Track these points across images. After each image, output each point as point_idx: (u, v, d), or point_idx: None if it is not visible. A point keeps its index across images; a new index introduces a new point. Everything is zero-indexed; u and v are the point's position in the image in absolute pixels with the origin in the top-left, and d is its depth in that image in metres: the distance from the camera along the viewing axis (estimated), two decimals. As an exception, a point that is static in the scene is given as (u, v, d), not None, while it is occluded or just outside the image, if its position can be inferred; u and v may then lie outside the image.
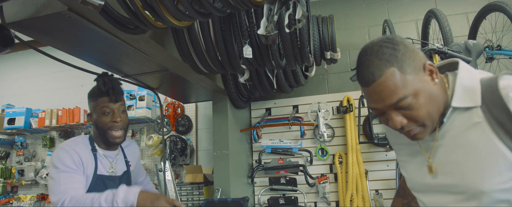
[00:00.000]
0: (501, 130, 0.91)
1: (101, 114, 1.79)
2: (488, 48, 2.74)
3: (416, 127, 0.98)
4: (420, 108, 0.95)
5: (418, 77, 0.96)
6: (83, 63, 2.29)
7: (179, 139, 4.00)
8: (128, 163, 1.96)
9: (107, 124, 1.77)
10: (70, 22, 1.69)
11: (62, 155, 1.68)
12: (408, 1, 3.77)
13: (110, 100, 1.80)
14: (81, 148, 1.75)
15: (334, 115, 3.67)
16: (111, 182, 1.79)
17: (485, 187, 0.92)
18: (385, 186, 3.41)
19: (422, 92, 0.95)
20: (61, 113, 4.28)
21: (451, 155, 1.00)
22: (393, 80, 0.93)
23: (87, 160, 1.74)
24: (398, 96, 0.94)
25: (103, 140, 1.84)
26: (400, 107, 0.95)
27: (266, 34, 1.79)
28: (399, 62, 0.94)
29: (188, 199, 3.72)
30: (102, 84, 1.79)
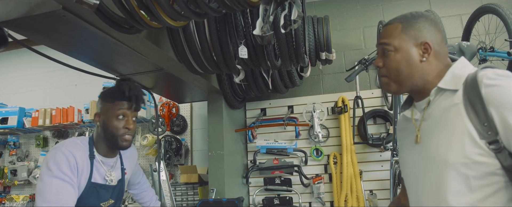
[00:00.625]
0: (472, 111, 1.03)
1: (114, 117, 1.72)
2: (481, 49, 2.76)
3: (385, 77, 1.22)
4: (393, 60, 1.19)
5: (410, 44, 1.18)
6: (77, 62, 2.27)
7: (174, 139, 3.99)
8: (124, 170, 1.90)
9: (120, 130, 1.72)
10: (65, 21, 1.68)
11: (59, 157, 1.58)
12: (402, 3, 3.79)
13: (129, 107, 1.75)
14: (80, 152, 1.67)
15: (329, 115, 3.68)
16: (104, 191, 1.74)
17: (450, 159, 1.04)
18: (379, 186, 3.43)
19: (402, 52, 1.18)
20: (55, 113, 4.25)
21: (432, 129, 1.15)
22: (392, 30, 1.21)
23: (83, 166, 1.65)
24: (385, 40, 1.21)
25: (109, 143, 1.76)
26: (381, 49, 1.22)
27: (262, 34, 1.79)
28: (406, 23, 1.20)
29: (182, 199, 3.71)
30: (127, 89, 1.74)
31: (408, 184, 1.26)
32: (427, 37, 1.17)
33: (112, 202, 1.81)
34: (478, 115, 1.01)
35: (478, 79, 1.03)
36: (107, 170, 1.78)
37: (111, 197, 1.80)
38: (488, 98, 1.00)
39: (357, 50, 3.77)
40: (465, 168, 1.01)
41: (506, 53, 2.25)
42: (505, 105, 0.97)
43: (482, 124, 1.00)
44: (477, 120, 1.01)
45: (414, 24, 1.18)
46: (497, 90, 0.99)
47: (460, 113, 1.05)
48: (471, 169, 1.01)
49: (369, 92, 3.64)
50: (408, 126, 1.27)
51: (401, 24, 1.19)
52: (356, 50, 3.78)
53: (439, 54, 1.18)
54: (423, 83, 1.18)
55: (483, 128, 1.00)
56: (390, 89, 1.22)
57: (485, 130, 1.00)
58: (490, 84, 1.00)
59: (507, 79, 1.00)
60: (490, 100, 1.00)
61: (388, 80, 1.21)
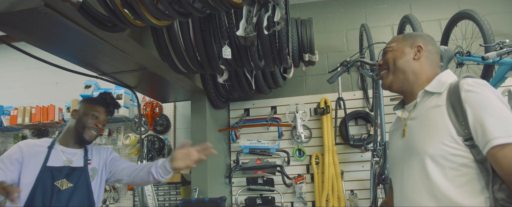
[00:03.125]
0: (453, 112, 1.19)
1: (90, 115, 2.09)
2: (458, 54, 2.85)
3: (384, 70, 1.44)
4: (390, 54, 1.44)
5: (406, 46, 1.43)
6: (59, 60, 2.25)
7: (157, 139, 3.97)
8: (87, 160, 2.10)
9: (89, 123, 2.08)
10: (46, 18, 1.66)
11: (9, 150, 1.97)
12: (384, 7, 3.87)
13: (105, 111, 2.16)
14: (34, 144, 2.01)
15: (311, 116, 3.73)
16: (58, 172, 1.96)
17: (429, 149, 1.19)
18: (360, 186, 3.49)
19: (399, 50, 1.43)
20: (35, 111, 4.17)
21: (417, 126, 1.31)
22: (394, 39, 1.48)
23: (31, 156, 1.95)
24: (389, 45, 1.47)
25: (76, 134, 2.08)
26: (384, 51, 1.48)
27: (245, 35, 1.81)
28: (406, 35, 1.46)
29: (165, 199, 3.70)
30: (109, 99, 2.20)
31: (394, 173, 1.41)
32: (420, 43, 1.41)
33: (70, 185, 1.96)
34: (457, 115, 1.17)
35: (459, 85, 1.20)
36: (66, 156, 2.04)
37: (68, 179, 1.96)
38: (466, 100, 1.16)
39: (340, 52, 3.83)
40: (443, 159, 1.16)
41: (480, 58, 2.33)
42: (479, 104, 1.14)
43: (460, 123, 1.16)
44: (456, 120, 1.17)
45: (412, 35, 1.45)
46: (474, 95, 1.16)
47: (442, 113, 1.21)
48: (447, 161, 1.15)
49: (351, 94, 3.70)
50: (398, 125, 1.45)
51: (402, 36, 1.45)
52: (338, 52, 3.84)
53: (431, 61, 1.40)
54: (413, 80, 1.38)
55: (460, 127, 1.15)
56: (387, 81, 1.42)
57: (462, 128, 1.15)
58: (469, 89, 1.17)
59: (484, 87, 1.17)
60: (467, 101, 1.16)
61: (387, 73, 1.42)
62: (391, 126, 1.58)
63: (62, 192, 1.92)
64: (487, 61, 2.29)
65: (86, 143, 2.11)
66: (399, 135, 1.40)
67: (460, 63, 2.81)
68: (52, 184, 1.91)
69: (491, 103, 1.13)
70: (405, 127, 1.36)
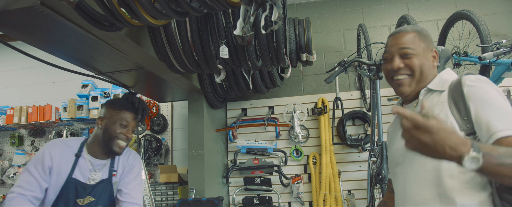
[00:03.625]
0: (455, 108, 1.21)
1: (118, 123, 1.87)
2: (455, 54, 2.86)
3: (406, 76, 1.34)
4: (416, 60, 1.32)
5: (426, 51, 1.35)
6: (55, 59, 2.24)
7: (154, 138, 3.96)
8: (112, 171, 1.94)
9: (119, 134, 1.86)
10: (43, 17, 1.65)
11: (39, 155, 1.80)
12: (382, 7, 3.88)
13: (134, 118, 1.92)
14: (62, 151, 1.83)
15: (309, 116, 3.73)
16: (82, 189, 1.83)
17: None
18: (357, 186, 3.50)
19: (422, 56, 1.34)
20: (31, 110, 4.15)
21: None
22: (411, 37, 1.35)
23: (61, 165, 1.80)
24: (407, 45, 1.33)
25: (104, 145, 1.88)
26: (403, 54, 1.33)
27: (242, 34, 1.81)
28: (421, 35, 1.35)
29: (162, 199, 3.68)
30: (136, 102, 1.92)
31: (396, 174, 1.38)
32: (433, 46, 1.38)
33: (92, 200, 1.86)
34: (460, 111, 1.19)
35: (462, 82, 1.22)
36: (92, 169, 1.87)
37: (91, 194, 1.85)
38: (468, 95, 1.18)
39: (337, 52, 3.83)
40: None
41: (477, 58, 2.33)
42: (481, 99, 1.16)
43: (462, 118, 1.18)
44: (458, 115, 1.19)
45: (426, 36, 1.36)
46: (476, 89, 1.18)
47: (445, 109, 1.22)
48: None
49: (349, 94, 3.71)
50: (398, 126, 1.42)
51: (417, 34, 1.34)
52: (336, 52, 3.84)
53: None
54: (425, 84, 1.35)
55: (463, 121, 1.18)
56: (408, 89, 1.35)
57: (464, 123, 1.17)
58: (471, 85, 1.19)
59: (485, 83, 1.20)
60: (470, 96, 1.18)
61: (411, 80, 1.34)
62: (390, 127, 1.56)
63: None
64: (484, 61, 2.30)
65: (117, 154, 1.92)
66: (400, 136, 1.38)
67: (457, 64, 2.82)
68: (75, 200, 1.81)
69: (493, 98, 1.15)
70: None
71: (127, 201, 1.93)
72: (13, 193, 1.73)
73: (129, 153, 2.06)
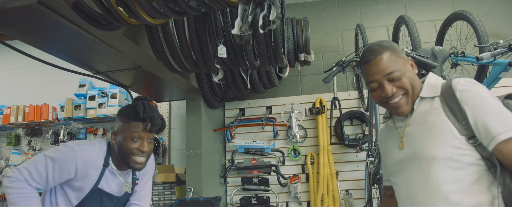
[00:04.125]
0: (451, 113, 1.21)
1: (129, 138, 1.69)
2: (453, 54, 2.86)
3: (401, 97, 1.30)
4: (406, 79, 1.30)
5: (405, 63, 1.34)
6: (53, 58, 2.23)
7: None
8: (135, 180, 1.87)
9: (133, 151, 1.70)
10: (40, 16, 1.65)
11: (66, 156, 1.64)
12: (380, 7, 3.88)
13: (144, 128, 1.71)
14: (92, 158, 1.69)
15: (306, 116, 3.73)
16: (107, 199, 1.75)
17: (435, 153, 1.19)
18: (355, 186, 3.50)
19: (407, 71, 1.32)
20: (28, 110, 4.13)
21: (415, 133, 1.30)
22: (389, 58, 1.31)
23: (88, 171, 1.67)
24: (392, 69, 1.29)
25: (121, 162, 1.75)
26: (391, 78, 1.29)
27: (240, 34, 1.81)
28: (393, 50, 1.33)
29: (159, 199, 3.68)
30: (142, 110, 1.70)
31: (398, 187, 1.36)
32: (406, 57, 1.36)
33: None
34: (456, 115, 1.19)
35: (453, 86, 1.22)
36: (119, 180, 1.79)
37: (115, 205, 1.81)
38: (462, 100, 1.18)
39: (335, 52, 3.84)
40: (450, 161, 1.16)
41: (475, 58, 2.34)
42: (476, 104, 1.17)
43: (461, 123, 1.18)
44: (455, 120, 1.19)
45: (397, 48, 1.34)
46: (468, 94, 1.19)
47: (441, 115, 1.22)
48: (455, 161, 1.16)
49: (346, 94, 3.71)
50: (391, 135, 1.42)
51: (391, 51, 1.31)
52: (334, 52, 3.85)
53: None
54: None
55: (461, 126, 1.17)
56: (407, 108, 1.32)
57: (463, 128, 1.17)
58: (463, 89, 1.19)
59: (475, 86, 1.21)
60: (464, 101, 1.18)
61: (406, 99, 1.31)
62: (381, 135, 1.55)
63: None
64: (481, 61, 2.30)
65: (137, 170, 1.79)
66: (396, 147, 1.37)
67: (454, 64, 2.83)
68: None
69: (486, 101, 1.17)
70: (403, 138, 1.34)
71: (136, 203, 1.91)
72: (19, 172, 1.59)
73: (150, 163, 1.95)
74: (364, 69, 1.35)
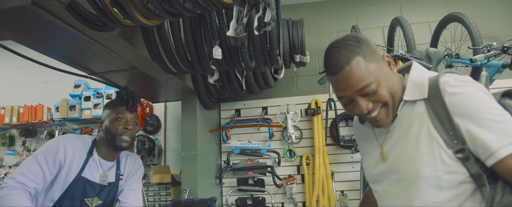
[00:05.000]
0: (437, 120, 1.02)
1: (115, 120, 1.87)
2: (447, 56, 2.89)
3: (380, 110, 1.08)
4: (383, 90, 1.05)
5: (380, 66, 1.07)
6: (47, 59, 2.22)
7: (147, 139, 3.95)
8: (119, 175, 1.96)
9: (119, 130, 1.86)
10: (34, 16, 1.64)
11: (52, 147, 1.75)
12: (375, 9, 3.90)
13: (127, 110, 1.91)
14: (76, 146, 1.81)
15: (302, 117, 3.74)
16: (91, 188, 1.82)
17: (421, 172, 1.02)
18: (350, 187, 3.51)
19: (383, 79, 1.06)
20: (23, 110, 4.11)
21: (398, 144, 1.10)
22: (359, 68, 1.03)
23: (73, 159, 1.78)
24: (364, 83, 1.03)
25: (109, 143, 1.88)
26: (365, 93, 1.05)
27: (236, 36, 1.81)
28: (363, 53, 1.05)
29: (155, 200, 3.67)
30: (125, 94, 1.92)
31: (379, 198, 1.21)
32: (379, 51, 1.10)
33: (100, 202, 1.86)
34: (444, 124, 1.00)
35: (440, 88, 1.02)
36: (102, 170, 1.89)
37: (99, 196, 1.86)
38: (453, 108, 0.99)
39: (331, 54, 3.84)
40: (438, 180, 1.00)
41: (469, 60, 2.36)
42: (468, 114, 0.98)
43: (448, 133, 1.00)
44: (442, 129, 1.00)
45: (367, 46, 1.07)
46: (460, 98, 0.99)
47: (425, 122, 1.04)
48: (443, 180, 1.00)
49: (342, 95, 3.71)
50: (367, 135, 1.23)
51: (360, 56, 1.04)
52: (330, 53, 3.85)
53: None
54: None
55: (449, 137, 0.99)
56: (388, 119, 1.10)
57: (451, 139, 0.99)
58: (453, 92, 1.00)
59: (468, 86, 1.00)
60: (455, 111, 0.99)
61: (386, 109, 1.08)
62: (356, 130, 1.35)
63: None
64: (475, 63, 2.32)
65: (125, 149, 1.92)
66: (376, 156, 1.18)
67: (449, 65, 2.85)
68: (82, 200, 1.79)
69: (482, 107, 0.98)
70: (383, 149, 1.15)
71: (127, 202, 1.96)
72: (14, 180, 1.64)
73: (135, 158, 2.08)
74: (330, 80, 1.10)
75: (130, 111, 1.91)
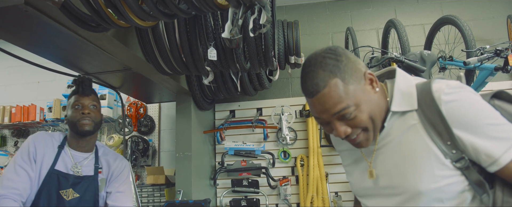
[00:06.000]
0: (433, 131, 0.97)
1: (72, 108, 1.91)
2: (441, 58, 2.91)
3: (360, 133, 1.02)
4: (362, 115, 0.99)
5: (360, 87, 1.00)
6: (40, 59, 2.20)
7: (141, 140, 3.92)
8: (97, 168, 1.96)
9: (77, 117, 1.88)
10: (27, 16, 1.63)
11: (23, 146, 1.83)
12: (370, 11, 3.92)
13: (80, 95, 1.93)
14: (45, 141, 1.86)
15: (297, 118, 3.74)
16: (64, 180, 1.83)
17: (421, 187, 0.97)
18: (344, 188, 3.51)
19: (363, 102, 0.99)
20: (15, 110, 4.07)
21: (390, 158, 1.05)
22: (336, 91, 0.97)
23: (44, 154, 1.82)
24: (341, 106, 0.97)
25: (74, 133, 1.91)
26: (343, 116, 0.99)
27: (231, 37, 1.80)
28: (342, 73, 0.98)
29: (149, 201, 3.66)
30: (74, 82, 1.97)
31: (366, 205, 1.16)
32: (361, 69, 1.03)
33: (76, 196, 1.84)
34: (441, 135, 0.96)
35: (434, 96, 0.97)
36: (75, 161, 1.90)
37: (74, 189, 1.85)
38: (451, 117, 0.95)
39: (326, 55, 3.85)
40: (438, 192, 0.97)
41: (462, 63, 2.37)
42: (469, 123, 0.95)
43: (446, 143, 0.96)
44: (439, 139, 0.96)
45: (345, 67, 1.00)
46: (457, 105, 0.95)
47: (420, 134, 0.99)
48: (443, 192, 0.97)
49: (336, 97, 3.72)
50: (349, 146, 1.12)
51: (338, 78, 0.98)
52: (324, 55, 3.86)
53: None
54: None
55: (447, 147, 0.96)
56: (369, 142, 1.05)
57: (449, 149, 0.96)
58: (449, 100, 0.96)
59: (462, 91, 0.97)
60: (453, 119, 0.95)
61: (367, 134, 1.03)
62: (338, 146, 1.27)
63: (68, 202, 1.81)
64: (469, 66, 2.34)
65: (88, 133, 1.90)
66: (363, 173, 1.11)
67: (443, 68, 2.87)
68: (57, 192, 1.80)
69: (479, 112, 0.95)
70: (371, 165, 1.08)
71: (116, 205, 1.93)
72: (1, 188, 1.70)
73: (116, 156, 2.07)
74: (307, 100, 1.04)
75: (84, 96, 1.94)
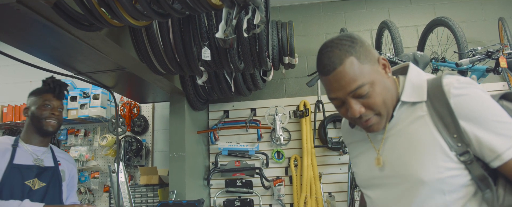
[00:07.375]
0: (440, 123, 0.99)
1: (41, 106, 1.98)
2: (434, 60, 2.93)
3: (373, 116, 1.04)
4: (377, 95, 1.02)
5: (374, 68, 1.03)
6: (33, 58, 2.18)
7: (134, 140, 3.91)
8: (57, 161, 2.05)
9: (45, 114, 1.97)
10: (19, 15, 1.61)
11: None
12: (364, 12, 3.94)
13: (54, 97, 2.03)
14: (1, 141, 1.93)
15: (290, 118, 3.75)
16: (28, 171, 1.88)
17: (424, 176, 0.99)
18: (338, 188, 3.53)
19: (378, 82, 1.02)
20: (6, 110, 4.03)
21: (396, 147, 1.07)
22: (352, 68, 1.00)
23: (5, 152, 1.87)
24: (357, 84, 1.00)
25: (36, 129, 1.98)
26: (358, 95, 1.01)
27: (225, 37, 1.80)
28: (357, 53, 1.02)
29: (142, 201, 3.64)
30: (51, 82, 2.05)
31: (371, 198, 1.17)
32: (375, 53, 1.07)
33: (43, 185, 1.92)
34: (448, 127, 0.98)
35: (444, 89, 1.00)
36: (35, 154, 1.97)
37: (39, 178, 1.91)
38: (458, 110, 0.98)
39: (320, 56, 3.86)
40: (441, 183, 0.98)
41: (454, 64, 2.40)
42: (476, 117, 0.97)
43: (452, 135, 0.98)
44: (446, 131, 0.98)
45: (361, 48, 1.03)
46: (466, 99, 0.98)
47: (427, 125, 1.01)
48: (446, 184, 0.98)
49: (330, 97, 3.73)
50: (359, 137, 1.19)
51: (354, 56, 1.01)
52: (318, 55, 3.87)
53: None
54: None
55: (453, 139, 0.98)
56: (380, 126, 1.07)
57: (455, 142, 0.98)
58: (458, 94, 0.98)
59: (472, 87, 1.00)
60: (460, 112, 0.97)
61: (379, 118, 1.05)
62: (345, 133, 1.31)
63: (35, 191, 1.87)
64: (461, 67, 2.36)
65: (51, 133, 2.01)
66: (371, 161, 1.13)
67: (435, 69, 2.89)
68: (22, 183, 1.84)
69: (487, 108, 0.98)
70: (379, 154, 1.11)
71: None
72: None
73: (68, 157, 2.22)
74: (322, 81, 1.07)
75: (56, 98, 2.03)
